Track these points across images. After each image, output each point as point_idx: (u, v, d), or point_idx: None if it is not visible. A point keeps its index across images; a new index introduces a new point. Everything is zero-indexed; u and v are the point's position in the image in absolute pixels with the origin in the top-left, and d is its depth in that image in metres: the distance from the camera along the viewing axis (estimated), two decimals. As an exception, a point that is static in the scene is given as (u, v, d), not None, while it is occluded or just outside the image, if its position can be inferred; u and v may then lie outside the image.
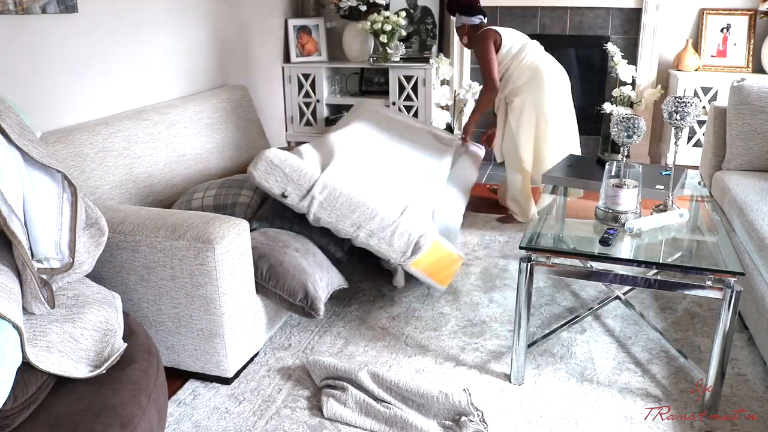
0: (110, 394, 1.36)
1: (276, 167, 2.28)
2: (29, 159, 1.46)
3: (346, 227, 2.31)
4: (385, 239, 2.31)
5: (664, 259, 1.90)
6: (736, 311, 1.74)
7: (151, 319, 2.01)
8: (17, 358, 1.25)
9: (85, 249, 1.59)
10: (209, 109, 3.09)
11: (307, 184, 2.29)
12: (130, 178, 2.49)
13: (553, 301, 2.59)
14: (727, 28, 4.07)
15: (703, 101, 3.95)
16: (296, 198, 2.29)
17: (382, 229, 2.30)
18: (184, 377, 2.09)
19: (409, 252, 2.31)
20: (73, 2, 2.42)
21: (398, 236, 2.31)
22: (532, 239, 2.00)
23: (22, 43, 2.24)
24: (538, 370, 2.12)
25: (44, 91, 2.36)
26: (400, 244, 2.31)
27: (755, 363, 2.13)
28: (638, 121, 2.09)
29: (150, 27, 2.91)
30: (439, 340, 2.31)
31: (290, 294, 2.09)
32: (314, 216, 2.30)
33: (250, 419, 1.89)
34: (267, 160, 2.29)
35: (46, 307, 1.42)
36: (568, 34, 4.28)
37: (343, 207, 2.29)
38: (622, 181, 2.05)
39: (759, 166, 2.79)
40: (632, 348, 2.24)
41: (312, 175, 2.30)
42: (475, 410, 1.87)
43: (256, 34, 4.02)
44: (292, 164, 2.30)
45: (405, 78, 4.17)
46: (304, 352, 2.24)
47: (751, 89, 2.79)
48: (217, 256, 1.86)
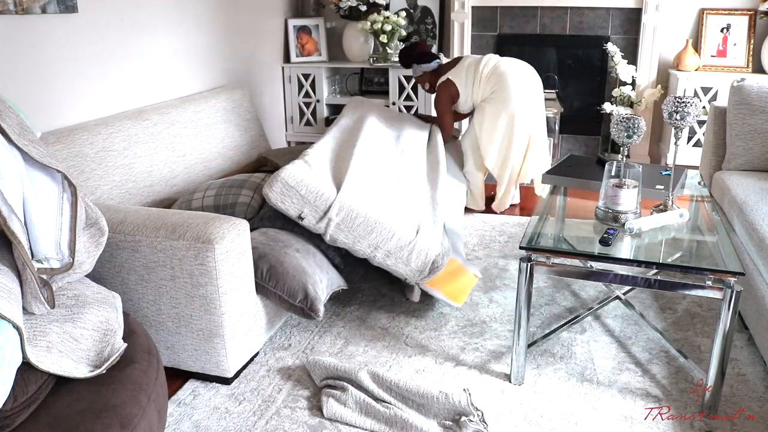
0: (110, 394, 1.36)
1: (291, 188, 2.24)
2: (29, 159, 1.46)
3: (363, 248, 2.29)
4: (402, 259, 2.30)
5: (664, 259, 1.90)
6: (736, 311, 1.74)
7: (151, 319, 2.01)
8: (17, 358, 1.25)
9: (85, 249, 1.59)
10: (209, 109, 3.09)
11: (323, 205, 2.26)
12: (130, 178, 2.49)
13: (553, 301, 2.59)
14: (727, 28, 4.07)
15: (703, 101, 3.95)
16: (313, 220, 2.26)
17: (399, 249, 2.29)
18: (184, 377, 2.09)
19: (426, 271, 2.31)
20: (73, 2, 2.42)
21: (415, 256, 2.29)
22: (532, 239, 2.00)
23: (22, 43, 2.24)
24: (538, 370, 2.12)
25: (44, 91, 2.37)
26: (417, 263, 2.30)
27: (755, 363, 2.13)
28: (638, 121, 2.09)
29: (150, 27, 2.91)
30: (439, 340, 2.31)
31: (290, 295, 2.08)
32: (331, 237, 2.28)
33: (250, 419, 1.89)
34: (282, 181, 2.25)
35: (46, 307, 1.42)
36: (568, 34, 4.28)
37: (360, 228, 2.27)
38: (622, 181, 2.05)
39: (759, 166, 2.79)
40: (632, 348, 2.24)
41: (328, 197, 2.27)
42: (475, 410, 1.87)
43: (256, 34, 4.02)
44: (308, 185, 2.26)
45: (405, 78, 4.17)
46: (304, 352, 2.24)
47: (751, 89, 2.79)
48: (217, 256, 1.86)
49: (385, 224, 2.29)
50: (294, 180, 2.25)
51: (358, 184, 2.41)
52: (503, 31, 4.38)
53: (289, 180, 2.25)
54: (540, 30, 4.31)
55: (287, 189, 2.24)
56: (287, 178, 2.25)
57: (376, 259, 2.31)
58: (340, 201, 2.27)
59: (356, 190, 2.37)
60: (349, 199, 2.29)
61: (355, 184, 2.39)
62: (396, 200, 2.48)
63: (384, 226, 2.28)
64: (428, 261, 2.30)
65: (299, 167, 2.32)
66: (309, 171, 2.34)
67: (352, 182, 2.39)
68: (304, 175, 2.29)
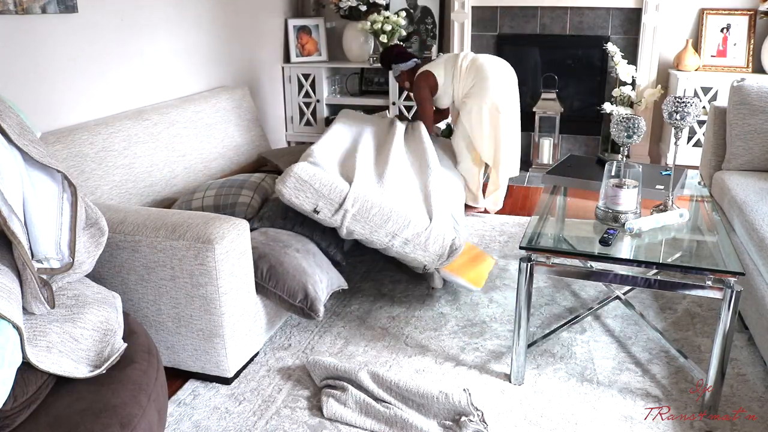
0: (110, 394, 1.36)
1: (305, 183, 2.23)
2: (29, 159, 1.46)
3: (381, 237, 2.28)
4: (420, 245, 2.30)
5: (664, 259, 1.90)
6: (736, 311, 1.74)
7: (151, 319, 2.01)
8: (17, 358, 1.25)
9: (85, 249, 1.59)
10: (209, 109, 3.09)
11: (338, 198, 2.25)
12: (130, 178, 2.49)
13: (553, 301, 2.59)
14: (727, 28, 4.07)
15: (703, 101, 3.95)
16: (329, 213, 2.25)
17: (417, 235, 2.29)
18: (184, 377, 2.09)
19: (445, 255, 2.31)
20: (73, 2, 2.42)
21: (433, 240, 2.29)
22: (532, 239, 2.00)
23: (22, 43, 2.24)
24: (538, 370, 2.12)
25: (44, 91, 2.37)
26: (435, 248, 2.30)
27: (755, 363, 2.13)
28: (638, 121, 2.09)
29: (150, 27, 2.91)
30: (439, 340, 2.31)
31: (290, 295, 2.08)
32: (347, 229, 2.27)
33: (250, 419, 1.89)
34: (296, 176, 2.23)
35: (46, 307, 1.42)
36: (568, 34, 4.28)
37: (376, 218, 2.26)
38: (622, 181, 2.05)
39: (759, 166, 2.79)
40: (632, 348, 2.24)
41: (342, 189, 2.26)
42: (475, 410, 1.87)
43: (256, 34, 4.02)
44: (322, 179, 2.26)
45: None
46: (304, 352, 2.24)
47: (751, 89, 2.79)
48: (217, 256, 1.86)
49: (400, 212, 2.29)
50: (307, 174, 2.25)
51: (369, 178, 2.42)
52: (503, 31, 4.38)
53: (302, 174, 2.24)
54: (540, 30, 4.31)
55: (301, 183, 2.23)
56: (300, 173, 2.24)
57: (394, 248, 2.30)
58: (355, 191, 2.27)
59: (368, 182, 2.38)
60: (363, 190, 2.30)
61: (366, 177, 2.41)
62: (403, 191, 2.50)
63: (399, 214, 2.28)
64: (446, 245, 2.30)
65: (308, 164, 2.33)
66: (318, 167, 2.35)
67: (362, 176, 2.40)
68: (316, 170, 2.29)
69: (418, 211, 2.36)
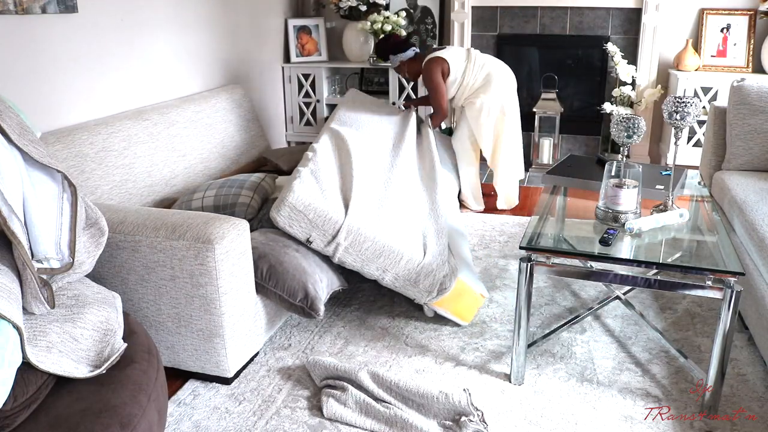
0: (110, 394, 1.36)
1: (300, 213, 2.23)
2: (29, 159, 1.46)
3: (372, 270, 2.30)
4: (410, 281, 2.31)
5: (664, 259, 1.90)
6: (736, 311, 1.74)
7: (151, 319, 2.01)
8: (17, 358, 1.25)
9: (85, 249, 1.59)
10: (209, 109, 3.09)
11: (332, 230, 2.25)
12: (130, 178, 2.49)
13: (553, 301, 2.59)
14: (727, 28, 4.07)
15: (703, 101, 3.95)
16: (321, 244, 2.26)
17: (408, 272, 2.30)
18: (184, 377, 2.09)
19: (435, 292, 2.31)
20: (73, 2, 2.42)
21: (423, 277, 2.31)
22: (532, 239, 2.00)
23: (22, 43, 2.24)
24: (538, 370, 2.12)
25: (44, 91, 2.37)
26: (425, 284, 2.31)
27: (755, 363, 2.13)
28: (638, 121, 2.09)
29: (150, 27, 2.91)
30: (439, 340, 2.31)
31: (290, 294, 2.08)
32: (339, 260, 2.28)
33: (250, 419, 1.89)
34: (290, 206, 2.23)
35: (46, 307, 1.42)
36: (568, 34, 4.28)
37: (368, 252, 2.27)
38: (622, 181, 2.05)
39: (759, 166, 2.79)
40: (632, 348, 2.24)
41: (336, 220, 2.26)
42: (475, 410, 1.87)
43: (256, 34, 4.02)
44: (316, 209, 2.25)
45: (405, 78, 4.17)
46: (304, 352, 2.24)
47: (751, 89, 2.79)
48: (217, 256, 1.86)
49: (393, 248, 2.29)
50: (302, 204, 2.24)
51: (364, 202, 2.40)
52: (503, 31, 4.38)
53: (297, 205, 2.23)
54: (540, 30, 4.31)
55: (295, 213, 2.23)
56: (295, 203, 2.23)
57: (384, 281, 2.33)
58: (348, 225, 2.27)
59: (363, 210, 2.36)
60: (357, 223, 2.29)
61: (361, 203, 2.39)
62: (400, 214, 2.48)
63: (392, 249, 2.29)
64: (436, 282, 2.31)
65: (307, 184, 2.31)
66: (316, 188, 2.33)
67: (358, 201, 2.38)
68: (312, 198, 2.27)
69: (412, 244, 2.36)
